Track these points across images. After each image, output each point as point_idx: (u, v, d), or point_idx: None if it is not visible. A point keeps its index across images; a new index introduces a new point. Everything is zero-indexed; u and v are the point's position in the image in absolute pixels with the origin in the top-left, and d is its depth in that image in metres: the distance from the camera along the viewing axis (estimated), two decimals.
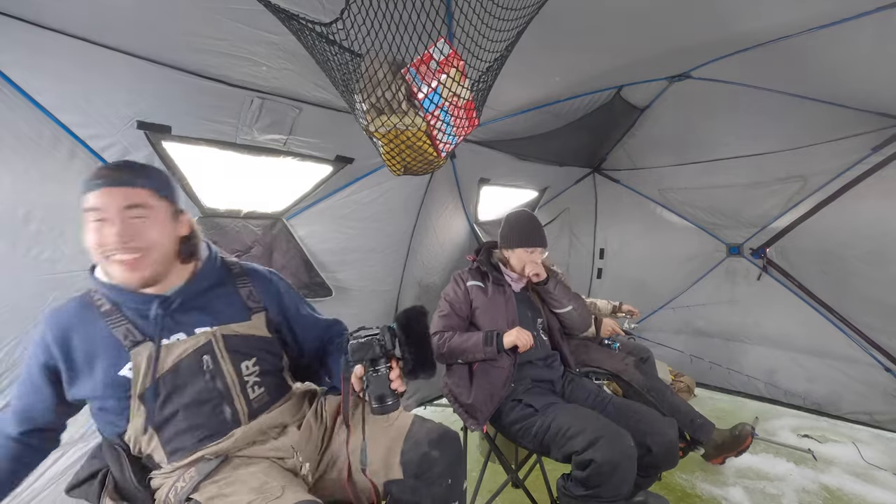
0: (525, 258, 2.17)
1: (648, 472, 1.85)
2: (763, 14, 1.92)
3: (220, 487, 1.06)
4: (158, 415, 1.15)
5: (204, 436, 1.17)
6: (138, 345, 1.13)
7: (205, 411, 1.18)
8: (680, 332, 4.14)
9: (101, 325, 1.14)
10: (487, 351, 1.98)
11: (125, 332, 1.13)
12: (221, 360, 1.20)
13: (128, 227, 1.07)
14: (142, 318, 1.16)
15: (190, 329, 1.19)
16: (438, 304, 2.21)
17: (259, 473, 1.14)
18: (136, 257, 1.09)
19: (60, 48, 1.32)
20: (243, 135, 1.84)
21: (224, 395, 1.20)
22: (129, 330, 1.13)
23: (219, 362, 1.20)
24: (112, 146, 1.58)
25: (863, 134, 2.95)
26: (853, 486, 2.65)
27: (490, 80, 1.53)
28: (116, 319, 1.14)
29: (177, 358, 1.16)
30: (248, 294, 1.30)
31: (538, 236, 2.20)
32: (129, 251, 1.07)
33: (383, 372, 1.15)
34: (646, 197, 4.21)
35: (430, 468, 1.25)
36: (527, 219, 2.27)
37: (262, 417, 1.25)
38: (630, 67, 2.49)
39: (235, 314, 1.26)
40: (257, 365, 1.26)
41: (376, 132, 1.47)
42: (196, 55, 1.52)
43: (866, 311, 3.23)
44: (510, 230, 2.24)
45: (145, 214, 1.10)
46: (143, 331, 1.14)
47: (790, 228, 3.50)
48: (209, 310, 1.23)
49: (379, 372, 1.15)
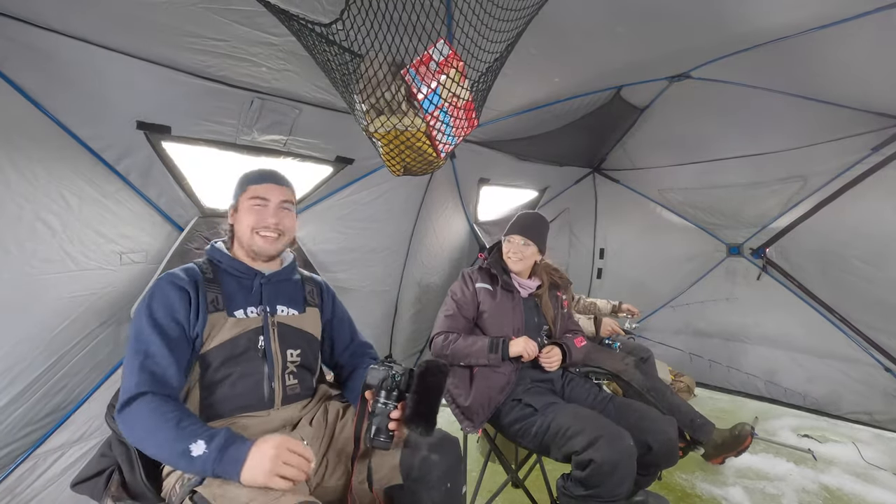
0: (507, 248, 2.19)
1: (648, 470, 1.85)
2: (763, 14, 1.92)
3: (224, 481, 1.08)
4: (210, 376, 1.29)
5: (240, 406, 1.31)
6: (216, 312, 1.31)
7: (248, 384, 1.32)
8: (680, 332, 4.14)
9: (201, 288, 1.33)
10: (492, 358, 1.98)
11: (213, 299, 1.33)
12: (272, 342, 1.37)
13: (280, 213, 1.43)
14: (240, 287, 1.39)
15: (265, 307, 1.39)
16: (444, 302, 2.20)
17: None
18: (277, 236, 1.43)
19: (60, 49, 1.32)
20: (243, 135, 1.84)
21: (268, 374, 1.35)
22: (217, 298, 1.34)
23: (270, 344, 1.36)
24: (112, 146, 1.58)
25: (862, 134, 2.95)
26: (853, 486, 2.66)
27: (490, 80, 1.53)
28: (212, 287, 1.35)
29: (240, 330, 1.33)
30: (309, 291, 1.55)
31: (517, 225, 2.20)
32: (275, 230, 1.42)
33: (389, 407, 1.22)
34: (646, 197, 4.21)
35: (430, 472, 1.27)
36: (524, 214, 2.28)
37: (290, 406, 1.38)
38: (630, 67, 2.49)
39: (296, 304, 1.48)
40: (299, 357, 1.43)
41: (376, 133, 1.47)
42: (196, 56, 1.52)
43: (866, 311, 3.23)
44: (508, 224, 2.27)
45: (290, 208, 1.48)
46: (228, 301, 1.35)
47: (790, 228, 3.50)
48: (281, 294, 1.46)
49: (386, 405, 1.21)
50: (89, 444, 1.87)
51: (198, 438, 1.05)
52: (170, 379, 1.18)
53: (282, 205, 1.44)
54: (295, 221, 1.51)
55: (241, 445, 1.05)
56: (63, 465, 1.81)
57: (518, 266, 2.18)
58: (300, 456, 1.06)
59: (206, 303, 1.31)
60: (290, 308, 1.46)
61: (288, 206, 1.46)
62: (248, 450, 1.04)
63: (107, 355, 1.82)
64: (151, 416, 1.10)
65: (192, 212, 1.90)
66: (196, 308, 1.29)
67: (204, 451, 1.04)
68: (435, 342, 2.10)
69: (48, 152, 1.45)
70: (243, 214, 1.42)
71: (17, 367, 1.57)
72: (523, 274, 2.22)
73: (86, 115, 1.48)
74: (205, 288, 1.33)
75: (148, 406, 1.12)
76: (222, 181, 1.96)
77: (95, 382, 1.83)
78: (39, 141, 1.42)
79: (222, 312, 1.32)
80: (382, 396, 1.22)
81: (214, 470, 1.04)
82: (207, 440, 1.05)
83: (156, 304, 1.26)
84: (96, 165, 1.57)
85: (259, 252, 1.42)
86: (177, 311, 1.26)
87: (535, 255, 2.20)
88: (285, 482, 1.02)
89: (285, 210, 1.45)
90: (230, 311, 1.34)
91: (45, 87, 1.37)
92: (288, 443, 1.06)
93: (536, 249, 2.19)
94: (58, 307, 1.61)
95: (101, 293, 1.71)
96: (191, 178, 1.83)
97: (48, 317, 1.60)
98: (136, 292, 1.81)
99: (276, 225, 1.41)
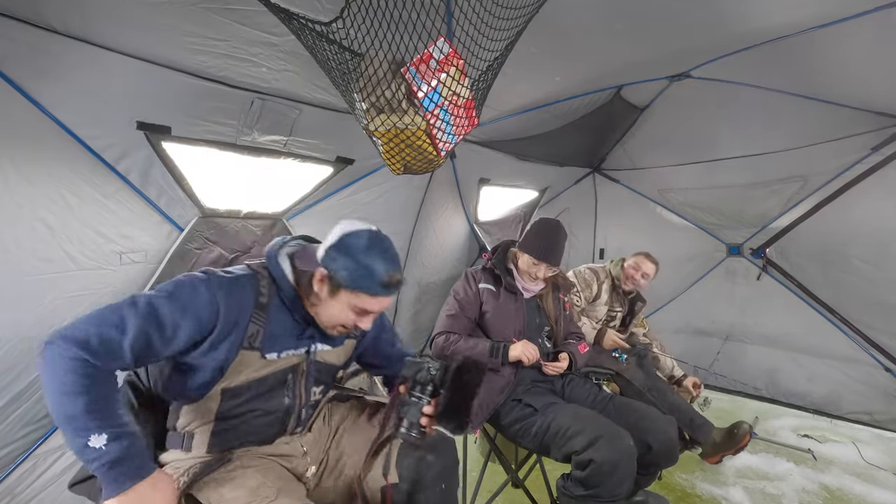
0: (529, 267, 2.10)
1: (648, 469, 1.86)
2: (763, 13, 1.92)
3: (218, 484, 1.08)
4: (230, 410, 1.19)
5: (252, 440, 1.24)
6: (251, 350, 1.17)
7: (267, 421, 1.24)
8: (680, 331, 4.14)
9: (246, 312, 1.16)
10: (492, 362, 1.98)
11: (252, 333, 1.17)
12: (300, 383, 1.28)
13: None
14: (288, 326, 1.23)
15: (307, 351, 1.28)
16: (447, 301, 2.19)
17: (257, 474, 1.16)
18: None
19: (60, 49, 1.32)
20: (244, 136, 1.84)
21: (288, 410, 1.27)
22: (257, 333, 1.18)
23: (298, 383, 1.28)
24: (112, 146, 1.58)
25: (862, 133, 2.95)
26: (853, 486, 2.66)
27: (490, 79, 1.53)
28: (258, 319, 1.18)
29: (270, 371, 1.22)
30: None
31: (550, 252, 2.07)
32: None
33: (423, 402, 1.19)
34: (646, 197, 4.21)
35: (425, 473, 1.27)
36: (552, 230, 2.14)
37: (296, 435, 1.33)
38: (630, 67, 2.49)
39: (333, 338, 1.32)
40: (322, 394, 1.37)
41: (376, 131, 1.47)
42: (196, 56, 1.52)
43: (866, 311, 3.23)
44: (531, 233, 2.17)
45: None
46: (266, 340, 1.19)
47: (790, 228, 3.50)
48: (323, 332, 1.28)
49: (420, 399, 1.18)
50: None
51: (103, 431, 0.93)
52: (121, 355, 1.01)
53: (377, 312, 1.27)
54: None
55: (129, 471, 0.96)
56: (63, 465, 1.80)
57: (537, 285, 2.16)
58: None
59: (244, 336, 1.15)
60: (326, 343, 1.32)
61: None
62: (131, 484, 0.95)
63: None
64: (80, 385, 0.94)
65: (193, 212, 1.90)
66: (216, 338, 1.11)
67: (101, 446, 0.93)
68: (436, 342, 2.10)
69: (48, 152, 1.45)
70: (337, 310, 1.20)
71: (17, 366, 1.57)
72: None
73: (86, 115, 1.48)
74: (250, 318, 1.16)
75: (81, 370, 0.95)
76: (222, 181, 1.96)
77: None
78: (39, 141, 1.42)
79: (256, 353, 1.18)
80: (416, 390, 1.19)
81: (98, 472, 0.94)
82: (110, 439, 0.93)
83: (175, 300, 1.08)
84: (96, 165, 1.56)
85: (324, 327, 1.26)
86: (184, 319, 1.07)
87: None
88: None
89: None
90: (264, 352, 1.19)
91: (45, 87, 1.37)
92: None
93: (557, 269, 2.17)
94: (57, 307, 1.61)
95: (101, 293, 1.71)
96: (191, 178, 1.83)
97: (48, 316, 1.60)
98: (136, 292, 1.80)
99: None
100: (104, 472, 0.94)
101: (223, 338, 1.12)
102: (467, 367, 1.18)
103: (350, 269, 1.15)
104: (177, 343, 1.07)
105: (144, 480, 0.97)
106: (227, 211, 2.02)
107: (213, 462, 1.16)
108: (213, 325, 1.10)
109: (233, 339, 1.14)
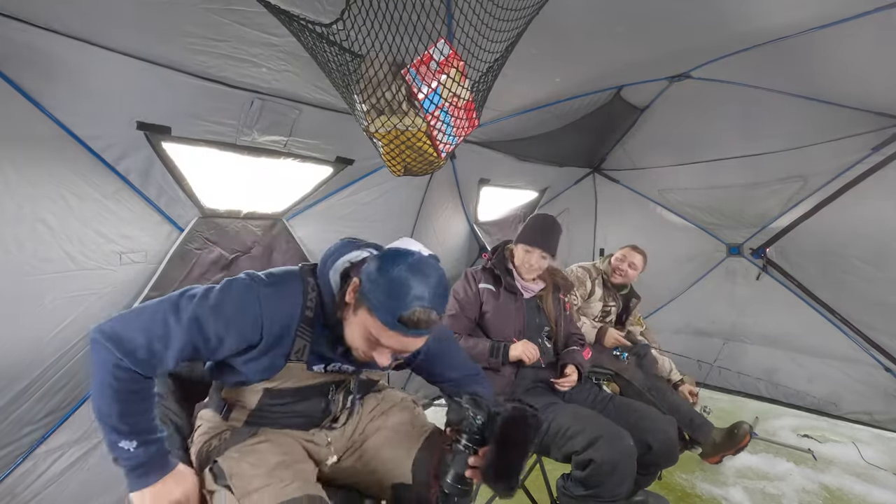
0: (523, 256, 2.12)
1: (648, 469, 1.86)
2: (763, 14, 1.92)
3: (241, 456, 1.12)
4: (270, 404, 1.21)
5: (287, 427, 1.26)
6: (298, 362, 1.16)
7: (303, 421, 1.28)
8: (680, 331, 4.14)
9: (293, 324, 1.13)
10: (492, 361, 1.99)
11: (299, 349, 1.15)
12: (342, 392, 1.28)
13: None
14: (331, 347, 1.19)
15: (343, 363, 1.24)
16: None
17: (279, 451, 1.17)
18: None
19: (61, 49, 1.32)
20: (244, 136, 1.84)
21: (326, 415, 1.29)
22: (304, 348, 1.15)
23: (340, 393, 1.28)
24: (112, 147, 1.58)
25: (863, 134, 2.95)
26: (853, 486, 2.66)
27: (490, 80, 1.53)
28: (304, 334, 1.15)
29: (313, 381, 1.22)
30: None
31: (541, 238, 2.10)
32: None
33: (469, 451, 1.08)
34: (646, 197, 4.21)
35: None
36: (541, 220, 2.20)
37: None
38: (630, 67, 2.49)
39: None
40: (360, 401, 1.38)
41: (376, 132, 1.47)
42: (196, 56, 1.52)
43: (866, 311, 3.24)
44: (525, 226, 2.20)
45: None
46: (312, 353, 1.17)
47: (790, 228, 3.50)
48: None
49: (466, 449, 1.07)
50: (89, 444, 1.87)
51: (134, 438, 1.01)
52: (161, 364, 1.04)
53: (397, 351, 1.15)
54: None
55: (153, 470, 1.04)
56: (63, 465, 1.81)
57: (532, 276, 2.16)
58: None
59: (291, 350, 1.14)
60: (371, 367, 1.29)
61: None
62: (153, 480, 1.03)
63: None
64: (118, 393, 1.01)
65: (193, 212, 1.90)
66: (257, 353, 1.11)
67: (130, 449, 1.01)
68: None
69: (48, 152, 1.45)
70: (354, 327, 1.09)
71: (17, 366, 1.58)
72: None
73: (86, 116, 1.48)
74: (296, 333, 1.13)
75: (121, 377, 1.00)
76: (222, 181, 1.96)
77: None
78: (39, 141, 1.42)
79: (302, 364, 1.17)
80: (464, 439, 1.08)
81: (124, 468, 1.02)
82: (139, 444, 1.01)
83: (219, 313, 1.05)
84: (96, 165, 1.57)
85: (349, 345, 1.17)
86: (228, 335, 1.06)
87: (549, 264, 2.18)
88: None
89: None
90: (310, 365, 1.18)
91: (45, 87, 1.37)
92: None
93: (552, 259, 2.17)
94: (57, 307, 1.61)
95: (102, 293, 1.71)
96: (191, 178, 1.83)
97: (48, 316, 1.60)
98: (137, 292, 1.81)
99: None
100: (130, 470, 1.02)
101: (268, 350, 1.12)
102: (517, 420, 1.04)
103: (375, 284, 1.02)
104: (220, 353, 1.09)
105: (167, 476, 1.05)
106: (227, 211, 2.02)
107: (245, 432, 1.20)
108: (258, 338, 1.09)
109: (278, 352, 1.13)
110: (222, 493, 1.07)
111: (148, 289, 1.82)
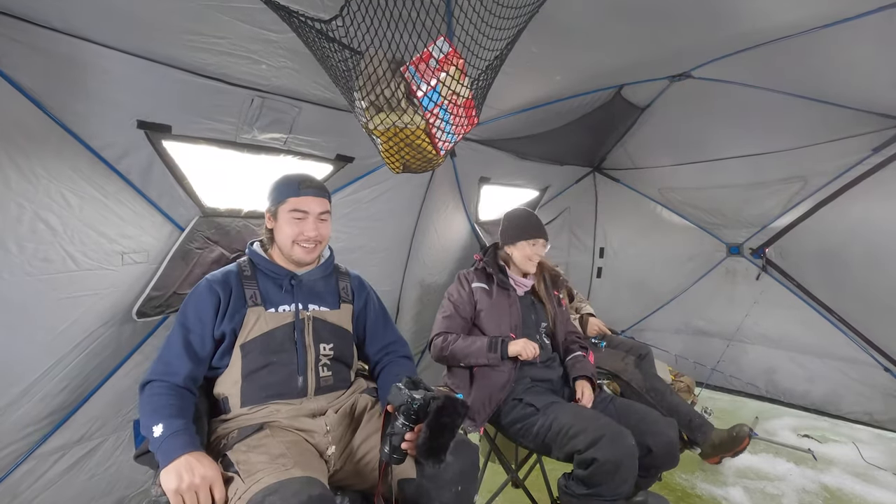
0: (528, 251, 2.15)
1: (648, 471, 1.85)
2: (764, 14, 1.92)
3: (248, 448, 1.25)
4: (249, 365, 1.41)
5: (275, 393, 1.41)
6: (255, 306, 1.45)
7: (283, 374, 1.43)
8: (680, 331, 4.14)
9: (236, 287, 1.47)
10: (491, 357, 1.98)
11: (252, 295, 1.47)
12: (306, 336, 1.48)
13: (319, 226, 1.51)
14: (275, 286, 1.51)
15: (297, 304, 1.50)
16: (441, 304, 2.20)
17: (282, 445, 1.27)
18: (314, 246, 1.52)
19: (60, 47, 1.32)
20: (244, 134, 1.84)
21: (301, 366, 1.45)
22: (255, 294, 1.47)
23: (304, 338, 1.47)
24: (112, 146, 1.57)
25: (863, 134, 2.95)
26: (853, 486, 2.66)
27: (490, 78, 1.53)
28: (250, 284, 1.49)
29: (276, 324, 1.45)
30: (344, 288, 1.64)
31: (538, 227, 2.19)
32: (313, 241, 1.51)
33: (406, 429, 1.25)
34: (646, 196, 4.20)
35: (443, 472, 1.28)
36: (525, 214, 2.27)
37: (322, 397, 1.47)
38: (631, 67, 2.49)
39: (330, 301, 1.58)
40: (332, 350, 1.52)
41: (375, 130, 1.47)
42: (196, 54, 1.52)
43: (866, 312, 3.23)
44: (509, 226, 2.23)
45: (327, 218, 1.56)
46: (264, 298, 1.48)
47: (790, 228, 3.50)
48: (314, 292, 1.56)
49: (404, 427, 1.25)
50: (90, 444, 1.87)
51: (160, 422, 1.22)
52: (176, 368, 1.35)
53: (320, 216, 1.52)
54: (330, 227, 1.59)
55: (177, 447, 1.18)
56: (64, 465, 1.81)
57: (534, 269, 2.18)
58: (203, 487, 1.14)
59: (245, 298, 1.45)
60: (323, 305, 1.55)
61: (325, 216, 1.54)
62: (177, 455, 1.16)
63: (108, 356, 1.82)
64: (149, 400, 1.31)
65: (193, 211, 1.89)
66: (226, 306, 1.43)
67: (160, 434, 1.21)
68: (434, 343, 2.10)
69: (48, 152, 1.45)
70: (283, 225, 1.50)
71: (18, 367, 1.57)
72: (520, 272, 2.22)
73: (86, 115, 1.48)
74: (243, 285, 1.48)
75: (150, 391, 1.32)
76: (223, 180, 1.96)
77: (97, 383, 1.83)
78: (39, 140, 1.42)
79: (260, 307, 1.46)
80: (401, 417, 1.25)
81: (158, 452, 1.19)
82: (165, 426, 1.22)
83: (189, 304, 1.44)
84: (97, 165, 1.56)
85: (298, 261, 1.53)
86: (204, 311, 1.42)
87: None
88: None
89: (323, 221, 1.53)
90: (267, 307, 1.46)
91: (45, 87, 1.37)
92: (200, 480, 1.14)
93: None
94: (58, 308, 1.61)
95: (103, 293, 1.71)
96: (191, 177, 1.83)
97: (49, 317, 1.60)
98: (138, 292, 1.80)
99: (314, 236, 1.50)
100: (161, 451, 1.19)
101: (229, 303, 1.44)
102: (447, 408, 1.22)
103: (273, 191, 1.53)
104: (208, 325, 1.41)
105: (191, 453, 1.18)
106: (227, 210, 2.02)
107: (249, 429, 1.33)
108: (216, 298, 1.43)
109: (237, 304, 1.44)
110: (232, 479, 1.18)
111: (149, 289, 1.81)
